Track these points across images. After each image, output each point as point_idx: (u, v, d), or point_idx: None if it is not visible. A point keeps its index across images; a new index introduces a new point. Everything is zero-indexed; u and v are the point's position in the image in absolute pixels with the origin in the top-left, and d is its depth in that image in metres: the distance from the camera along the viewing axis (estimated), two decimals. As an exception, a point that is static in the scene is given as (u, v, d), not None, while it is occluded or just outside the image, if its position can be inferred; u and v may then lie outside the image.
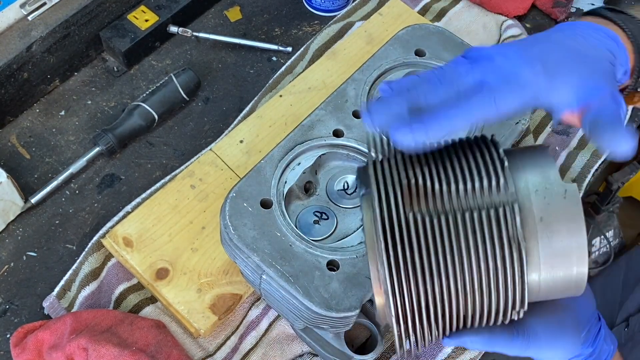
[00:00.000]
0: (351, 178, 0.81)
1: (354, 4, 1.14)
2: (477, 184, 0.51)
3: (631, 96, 0.64)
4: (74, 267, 0.88)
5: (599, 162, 1.03)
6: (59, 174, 0.95)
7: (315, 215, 0.78)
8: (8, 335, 0.85)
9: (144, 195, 0.93)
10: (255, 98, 1.03)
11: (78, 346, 0.76)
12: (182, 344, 0.84)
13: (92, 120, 1.01)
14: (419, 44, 0.89)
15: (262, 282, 0.73)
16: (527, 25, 1.16)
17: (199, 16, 1.12)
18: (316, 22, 1.14)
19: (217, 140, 0.97)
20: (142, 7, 1.06)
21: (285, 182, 0.77)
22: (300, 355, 0.84)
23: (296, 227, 0.76)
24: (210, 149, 0.94)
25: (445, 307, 0.52)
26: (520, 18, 1.16)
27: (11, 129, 1.00)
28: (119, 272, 0.88)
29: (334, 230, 0.77)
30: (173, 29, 1.07)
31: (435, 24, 1.09)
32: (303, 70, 1.04)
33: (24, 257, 0.91)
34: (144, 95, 0.99)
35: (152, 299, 0.87)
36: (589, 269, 1.66)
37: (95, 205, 0.95)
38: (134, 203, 0.93)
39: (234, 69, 1.08)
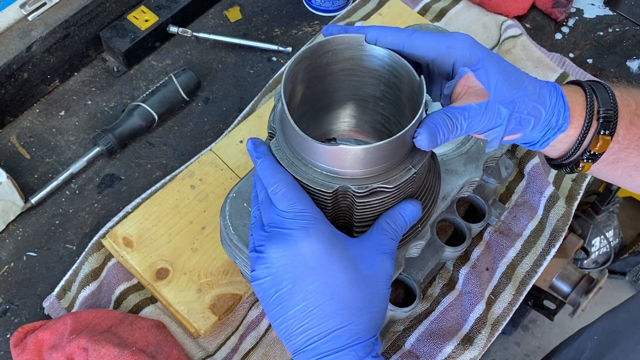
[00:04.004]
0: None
1: (354, 4, 1.14)
2: None
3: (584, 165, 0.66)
4: (74, 267, 0.88)
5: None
6: (59, 174, 0.95)
7: (315, 216, 0.77)
8: (8, 336, 0.85)
9: (144, 196, 0.93)
10: (255, 98, 1.03)
11: (78, 346, 0.76)
12: (182, 344, 0.84)
13: (92, 121, 1.01)
14: (419, 44, 0.88)
15: (262, 282, 0.73)
16: (527, 26, 1.16)
17: (198, 16, 1.12)
18: (316, 22, 1.14)
19: (217, 140, 0.97)
20: (142, 7, 1.06)
21: (285, 182, 0.77)
22: (300, 356, 0.84)
23: (296, 227, 0.76)
24: (210, 149, 0.94)
25: None
26: (520, 18, 1.16)
27: (11, 129, 1.00)
28: (119, 272, 0.88)
29: (334, 230, 0.77)
30: (173, 29, 1.07)
31: (435, 24, 1.09)
32: (303, 71, 1.04)
33: (24, 257, 0.91)
34: (144, 95, 0.99)
35: (152, 299, 0.87)
36: (590, 269, 1.66)
37: (95, 205, 0.95)
38: (134, 203, 0.93)
39: (234, 69, 1.08)
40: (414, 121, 0.57)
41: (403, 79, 0.63)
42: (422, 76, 0.60)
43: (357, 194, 0.60)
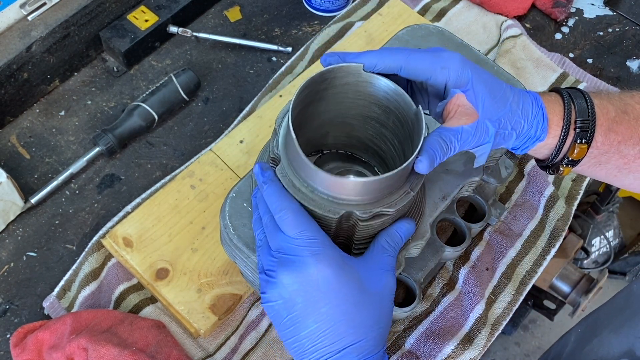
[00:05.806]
0: (351, 178, 0.81)
1: (353, 4, 1.14)
2: None
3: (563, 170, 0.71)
4: (74, 267, 0.88)
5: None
6: (59, 174, 0.95)
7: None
8: (8, 336, 0.85)
9: (144, 196, 0.93)
10: (255, 98, 1.03)
11: (78, 346, 0.76)
12: (182, 344, 0.84)
13: (92, 121, 1.01)
14: (418, 44, 0.88)
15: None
16: (527, 25, 1.16)
17: (198, 16, 1.12)
18: (316, 22, 1.14)
19: (217, 140, 0.97)
20: (142, 7, 1.06)
21: (285, 182, 0.78)
22: (300, 356, 0.85)
23: (296, 227, 0.76)
24: (210, 149, 0.94)
25: None
26: (520, 18, 1.16)
27: (11, 129, 1.00)
28: (119, 272, 0.88)
29: (334, 230, 0.77)
30: (173, 29, 1.07)
31: (435, 24, 1.09)
32: (303, 71, 1.04)
33: (24, 257, 0.91)
34: (144, 95, 0.99)
35: (152, 299, 0.87)
36: (590, 269, 1.66)
37: (95, 205, 0.95)
38: (134, 203, 0.93)
39: (234, 69, 1.08)
40: (415, 153, 0.61)
41: (399, 106, 0.67)
42: (419, 106, 0.63)
43: (361, 218, 0.64)
